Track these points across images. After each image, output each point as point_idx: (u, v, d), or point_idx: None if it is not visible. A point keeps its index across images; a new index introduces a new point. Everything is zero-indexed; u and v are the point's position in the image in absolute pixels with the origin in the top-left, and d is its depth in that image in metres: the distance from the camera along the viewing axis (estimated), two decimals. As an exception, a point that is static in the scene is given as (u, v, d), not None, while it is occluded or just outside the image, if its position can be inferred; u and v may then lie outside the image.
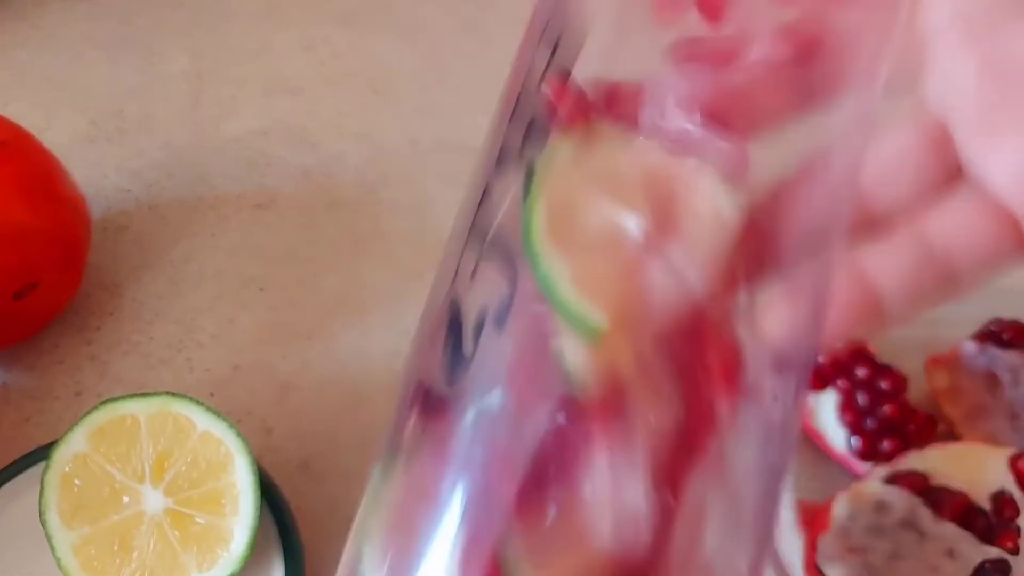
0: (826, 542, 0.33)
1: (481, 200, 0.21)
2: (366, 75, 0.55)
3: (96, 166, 0.48)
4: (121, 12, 0.57)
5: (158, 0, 0.58)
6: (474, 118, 0.54)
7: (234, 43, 0.56)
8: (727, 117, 0.19)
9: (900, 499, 0.34)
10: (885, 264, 0.21)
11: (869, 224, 0.21)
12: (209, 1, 0.58)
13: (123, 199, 0.46)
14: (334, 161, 0.50)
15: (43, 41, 0.54)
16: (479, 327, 0.20)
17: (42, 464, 0.31)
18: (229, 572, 0.30)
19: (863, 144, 0.20)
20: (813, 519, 0.36)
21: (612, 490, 0.18)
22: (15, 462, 0.32)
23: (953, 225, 0.21)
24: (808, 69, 0.20)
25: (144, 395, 0.31)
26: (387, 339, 0.42)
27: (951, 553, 0.32)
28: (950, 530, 0.33)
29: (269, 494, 0.32)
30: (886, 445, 0.38)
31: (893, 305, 0.21)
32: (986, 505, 0.34)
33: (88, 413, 0.30)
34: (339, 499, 0.37)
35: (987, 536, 0.33)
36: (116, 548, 0.29)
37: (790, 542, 0.37)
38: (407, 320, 0.43)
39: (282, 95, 0.53)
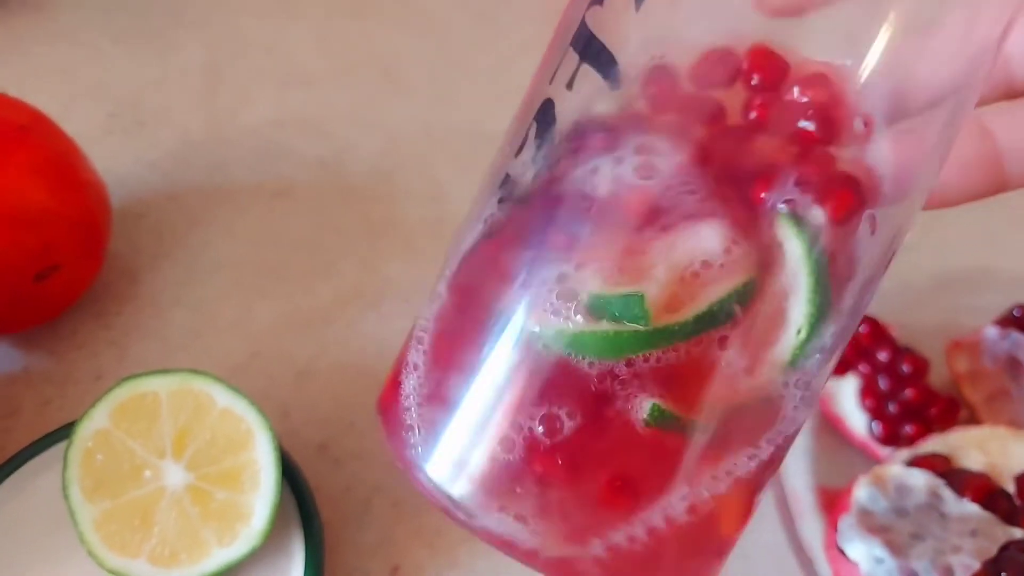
0: (847, 523, 0.33)
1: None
2: (380, 65, 0.55)
3: (115, 157, 0.48)
4: (137, 5, 0.57)
5: (174, -8, 0.58)
6: (488, 106, 0.54)
7: (249, 35, 0.56)
8: None
9: (922, 481, 0.34)
10: (1013, 126, 0.20)
11: (1008, 91, 0.21)
12: (224, -7, 0.59)
13: (141, 189, 0.47)
14: (349, 150, 0.50)
15: (60, 34, 0.54)
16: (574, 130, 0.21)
17: (64, 443, 0.31)
18: (250, 548, 0.30)
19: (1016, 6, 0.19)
20: (833, 503, 0.36)
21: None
22: (38, 440, 0.32)
23: None
24: None
25: (165, 372, 0.31)
26: (403, 325, 0.42)
27: (974, 534, 0.32)
28: (973, 511, 0.32)
29: (288, 473, 0.32)
30: (908, 429, 0.37)
31: (1013, 168, 0.21)
32: (1009, 487, 0.33)
33: (110, 390, 0.30)
34: (356, 481, 0.37)
35: (1010, 517, 0.32)
36: (137, 523, 0.29)
37: (810, 526, 0.37)
38: (422, 306, 0.43)
39: (297, 86, 0.53)
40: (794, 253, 0.20)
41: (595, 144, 0.20)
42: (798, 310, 0.20)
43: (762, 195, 0.19)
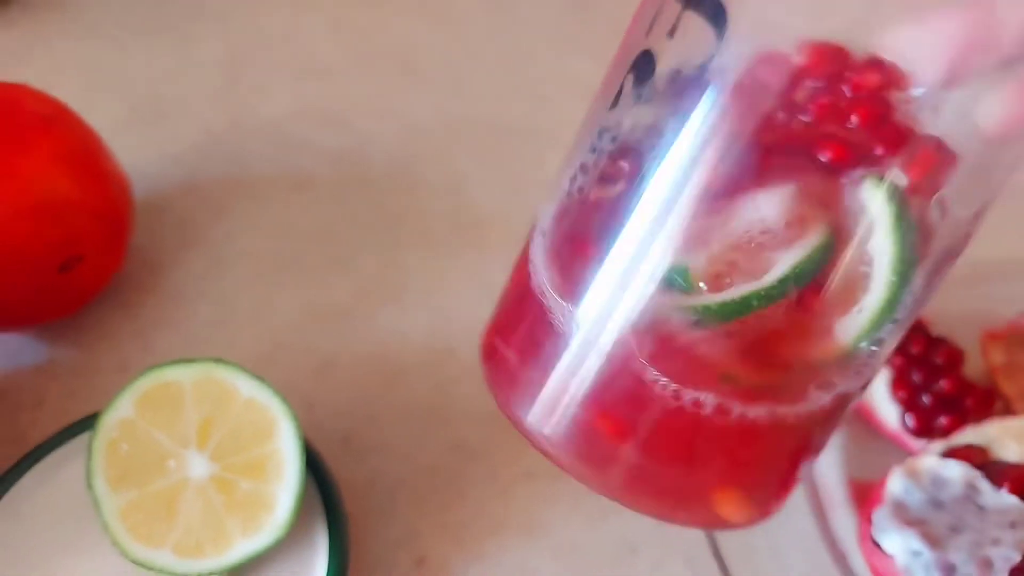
0: (882, 515, 0.32)
1: None
2: (397, 56, 0.55)
3: (136, 150, 0.48)
4: (156, 0, 0.57)
5: (192, -13, 0.58)
6: (506, 96, 0.54)
7: (266, 28, 0.56)
8: None
9: (958, 473, 0.33)
10: None
11: None
12: (242, -13, 0.59)
13: (163, 182, 0.47)
14: (368, 141, 0.50)
15: (80, 29, 0.55)
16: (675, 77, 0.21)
17: (88, 433, 0.31)
18: (274, 538, 0.29)
19: None
20: (865, 496, 0.35)
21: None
22: (63, 430, 0.32)
23: None
24: None
25: (189, 361, 0.30)
26: (424, 317, 0.42)
27: (1013, 525, 0.31)
28: (1012, 503, 0.32)
29: (312, 464, 0.32)
30: (943, 421, 0.37)
31: None
32: (1048, 478, 0.33)
33: (134, 380, 0.30)
34: (380, 473, 0.36)
35: (1050, 509, 0.32)
36: (162, 513, 0.29)
37: (843, 520, 0.36)
38: (443, 298, 0.43)
39: (315, 78, 0.53)
40: (877, 215, 0.19)
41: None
42: (880, 273, 0.20)
43: (837, 159, 0.19)
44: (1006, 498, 0.32)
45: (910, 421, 0.37)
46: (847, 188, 0.19)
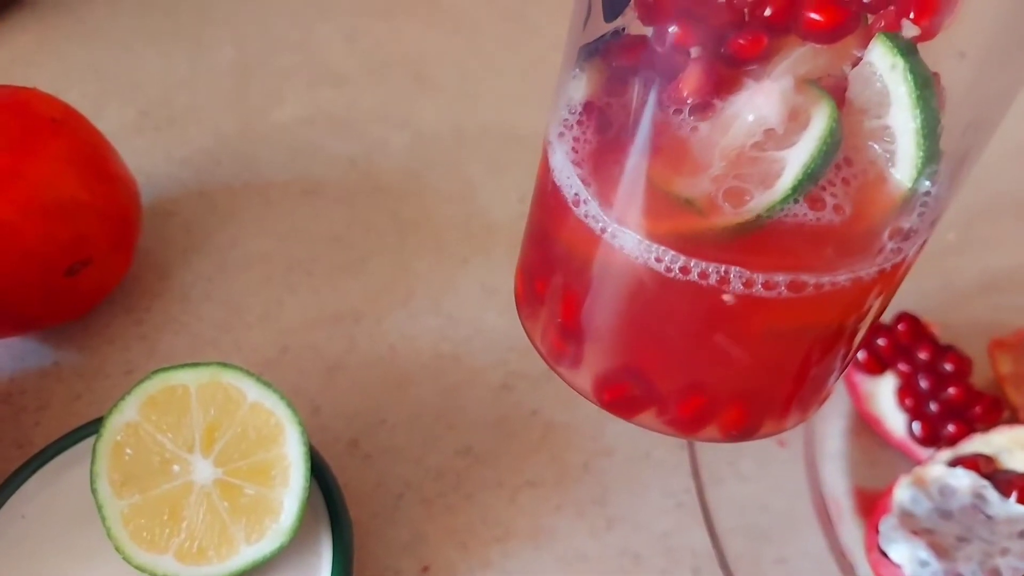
0: (889, 524, 0.32)
1: None
2: (408, 64, 0.55)
3: (146, 154, 0.48)
4: (167, 5, 0.57)
5: (205, -8, 0.59)
6: (517, 105, 0.54)
7: (278, 34, 0.56)
8: None
9: (966, 482, 0.33)
10: None
11: None
12: (254, -7, 0.59)
13: (172, 186, 0.47)
14: (379, 148, 0.50)
15: (91, 34, 0.55)
16: None
17: (93, 437, 0.31)
18: (278, 544, 0.29)
19: None
20: (872, 505, 0.35)
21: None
22: (68, 434, 0.32)
23: None
24: None
25: (195, 365, 0.30)
26: (432, 322, 0.42)
27: (1022, 535, 0.31)
28: (1020, 512, 0.31)
29: (317, 469, 0.32)
30: (951, 429, 0.36)
31: None
32: (1057, 489, 0.32)
33: (140, 383, 0.30)
34: (386, 478, 0.36)
35: (1059, 520, 0.31)
36: (165, 518, 0.29)
37: (850, 530, 0.36)
38: (452, 303, 0.43)
39: (326, 84, 0.53)
40: (888, 74, 0.19)
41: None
42: (903, 136, 0.20)
43: (831, 23, 0.19)
44: (1014, 507, 0.32)
45: (917, 429, 0.37)
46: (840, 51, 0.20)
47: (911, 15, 0.19)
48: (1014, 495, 0.32)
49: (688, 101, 0.20)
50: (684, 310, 0.22)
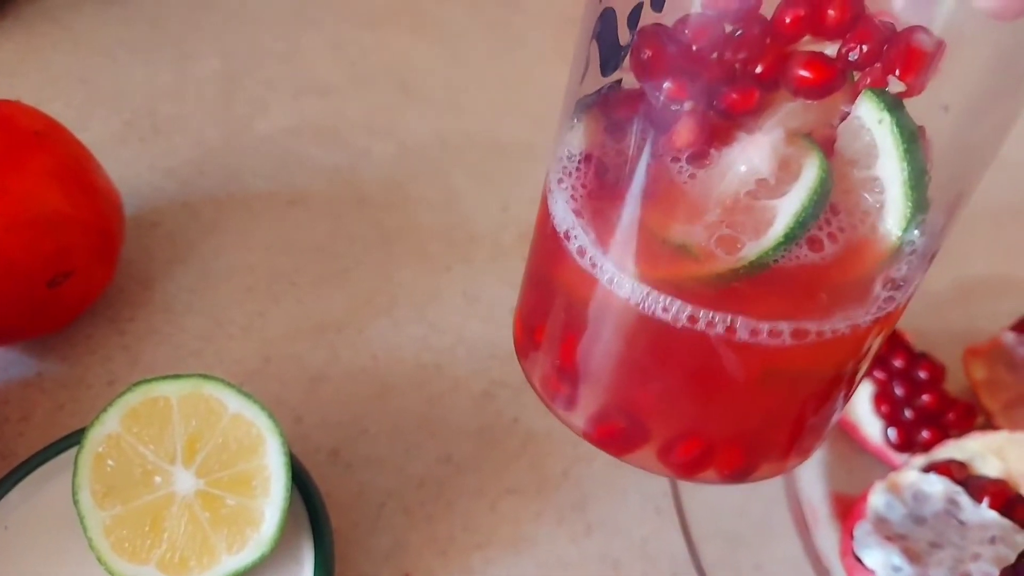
0: (863, 530, 0.32)
1: None
2: (394, 74, 0.56)
3: (130, 164, 0.48)
4: (152, 15, 0.58)
5: (189, 3, 0.59)
6: (502, 115, 0.54)
7: (263, 44, 0.57)
8: None
9: (939, 488, 0.33)
10: None
11: None
12: (239, 4, 0.59)
13: (156, 196, 0.47)
14: (363, 159, 0.50)
15: (76, 43, 0.55)
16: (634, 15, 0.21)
17: (75, 448, 0.31)
18: (259, 554, 0.29)
19: None
20: (848, 510, 0.36)
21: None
22: (50, 445, 0.32)
23: None
24: None
25: (176, 377, 0.31)
26: (416, 332, 0.42)
27: (993, 541, 0.31)
28: (992, 518, 0.32)
29: (299, 479, 0.32)
30: (925, 435, 0.37)
31: None
32: (1028, 494, 0.33)
33: (122, 394, 0.30)
34: (368, 487, 0.36)
35: (1030, 525, 0.32)
36: (147, 529, 0.29)
37: (825, 534, 0.36)
38: (435, 313, 0.43)
39: (312, 95, 0.54)
40: (875, 127, 0.20)
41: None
42: (892, 186, 0.20)
43: (820, 79, 0.20)
44: (986, 513, 0.32)
45: (893, 435, 0.38)
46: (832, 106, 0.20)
47: (897, 72, 0.20)
48: (986, 501, 0.32)
49: (683, 153, 0.21)
50: (680, 354, 0.23)
